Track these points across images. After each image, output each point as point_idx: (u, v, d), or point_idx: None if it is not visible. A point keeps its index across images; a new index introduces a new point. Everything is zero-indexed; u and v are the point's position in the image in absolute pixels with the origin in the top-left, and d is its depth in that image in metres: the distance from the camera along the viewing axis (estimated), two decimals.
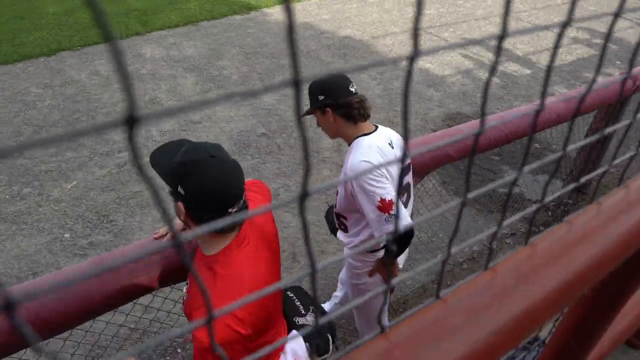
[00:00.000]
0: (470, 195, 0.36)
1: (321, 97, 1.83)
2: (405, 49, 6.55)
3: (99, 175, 3.85)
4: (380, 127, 1.95)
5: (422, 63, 6.16)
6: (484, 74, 6.01)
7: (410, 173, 2.07)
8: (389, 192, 1.74)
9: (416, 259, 3.30)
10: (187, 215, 1.22)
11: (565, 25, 0.31)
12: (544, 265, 0.36)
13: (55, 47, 5.89)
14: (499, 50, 0.31)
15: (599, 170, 0.42)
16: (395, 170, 1.82)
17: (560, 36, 0.31)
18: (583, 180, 0.43)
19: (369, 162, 1.75)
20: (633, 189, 0.43)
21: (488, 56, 6.47)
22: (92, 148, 4.14)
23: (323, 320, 0.29)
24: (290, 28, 0.22)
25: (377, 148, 1.81)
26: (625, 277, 0.56)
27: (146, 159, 1.22)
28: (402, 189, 1.80)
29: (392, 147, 1.89)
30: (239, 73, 5.48)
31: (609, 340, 0.76)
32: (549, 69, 0.34)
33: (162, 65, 5.57)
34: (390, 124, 4.78)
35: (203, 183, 1.17)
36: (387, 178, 1.76)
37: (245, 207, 1.27)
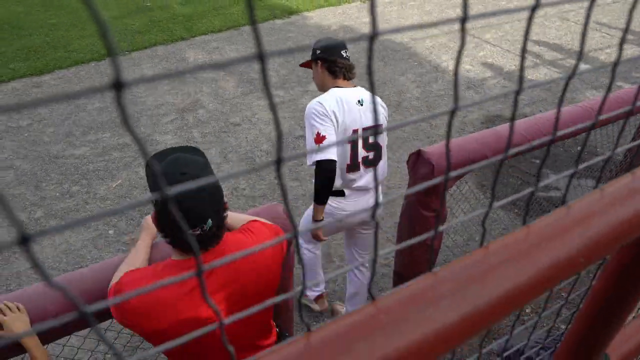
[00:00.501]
0: (498, 204, 0.37)
1: (318, 52, 2.22)
2: (445, 51, 6.47)
3: (143, 175, 4.01)
4: (359, 88, 2.23)
5: (463, 65, 6.07)
6: (526, 75, 5.86)
7: (383, 135, 2.32)
8: (328, 130, 2.03)
9: None
10: (155, 223, 1.23)
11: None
12: (536, 246, 0.37)
13: (104, 52, 6.18)
14: (523, 54, 0.33)
15: None
16: (350, 121, 2.08)
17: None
18: None
19: (321, 103, 2.07)
20: (639, 176, 0.43)
21: (531, 58, 6.29)
22: (136, 148, 4.32)
23: None
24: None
25: (338, 98, 2.10)
26: None
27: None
28: (367, 146, 2.17)
29: (361, 105, 2.14)
30: (279, 76, 5.58)
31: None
32: (575, 64, 0.35)
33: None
34: (429, 126, 4.74)
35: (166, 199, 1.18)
36: (331, 120, 2.06)
37: (213, 234, 1.22)
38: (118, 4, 7.77)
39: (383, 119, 2.28)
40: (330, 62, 2.21)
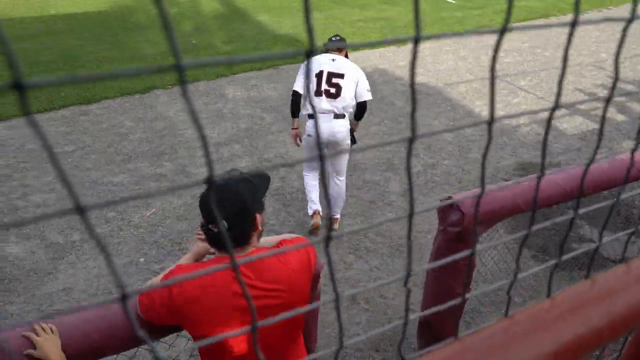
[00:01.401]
0: (523, 275, 0.40)
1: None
2: (479, 96, 6.50)
3: (176, 204, 4.12)
4: (335, 54, 3.40)
5: (496, 110, 6.07)
6: (561, 124, 5.80)
7: (342, 78, 3.33)
8: (299, 81, 3.46)
9: (481, 312, 3.17)
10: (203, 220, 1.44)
11: None
12: (561, 318, 0.38)
13: (149, 85, 6.48)
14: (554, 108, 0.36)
15: None
16: (322, 67, 3.34)
17: None
18: None
19: (301, 68, 3.74)
20: None
21: (570, 104, 6.24)
22: (171, 179, 4.46)
23: None
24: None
25: (317, 59, 3.35)
26: None
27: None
28: (328, 83, 3.31)
29: (333, 61, 3.36)
30: None
31: None
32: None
33: (243, 105, 5.94)
34: (461, 171, 4.72)
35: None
36: (310, 69, 2.79)
37: (236, 234, 1.38)
38: (166, 41, 8.17)
39: (351, 71, 3.37)
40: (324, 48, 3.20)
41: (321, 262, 1.62)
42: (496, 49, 0.38)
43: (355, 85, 3.37)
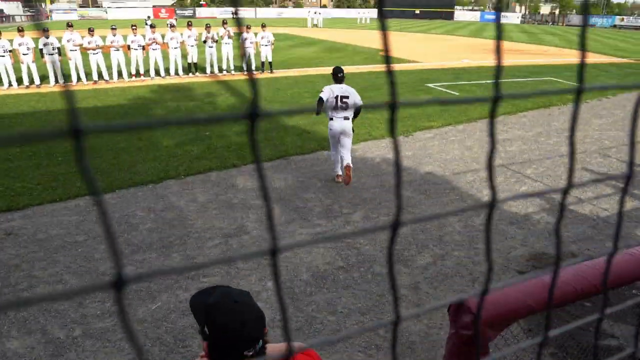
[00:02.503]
0: None
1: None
2: (487, 185, 6.55)
3: (182, 298, 4.05)
4: (344, 84, 6.05)
5: (503, 197, 6.08)
6: (569, 212, 5.77)
7: (348, 98, 5.96)
8: (325, 94, 5.97)
9: None
10: (207, 354, 1.37)
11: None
12: None
13: (163, 176, 6.66)
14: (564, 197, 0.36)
15: None
16: (336, 92, 5.99)
17: None
18: None
19: (324, 90, 6.03)
20: None
21: (576, 193, 6.25)
22: (179, 271, 4.43)
23: None
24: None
25: (331, 87, 6.02)
26: None
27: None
28: (340, 101, 5.93)
29: (342, 88, 5.98)
30: (322, 205, 5.77)
31: None
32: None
33: (252, 195, 6.04)
34: (471, 262, 4.64)
35: (222, 325, 1.33)
36: (330, 92, 5.98)
37: (263, 352, 1.37)
38: (181, 132, 8.54)
39: (351, 93, 5.97)
40: (334, 74, 6.20)
41: None
42: (492, 115, 0.40)
43: (354, 101, 5.98)
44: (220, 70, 15.39)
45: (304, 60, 19.08)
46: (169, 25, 14.97)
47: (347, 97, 5.94)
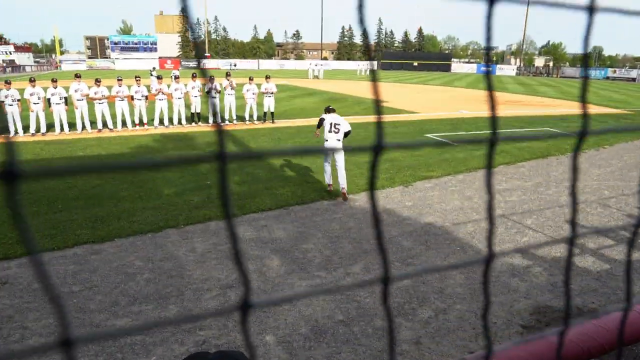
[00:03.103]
0: None
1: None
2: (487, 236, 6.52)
3: (178, 352, 3.95)
4: (334, 114, 7.94)
5: (504, 250, 6.03)
6: (573, 264, 5.71)
7: (340, 124, 7.76)
8: (322, 122, 7.94)
9: None
10: None
11: None
12: None
13: (162, 225, 6.65)
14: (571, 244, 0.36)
15: None
16: (328, 120, 7.81)
17: None
18: None
19: (322, 118, 7.95)
20: None
21: (578, 244, 6.20)
22: (176, 324, 4.33)
23: None
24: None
25: (325, 116, 7.91)
26: None
27: None
28: (334, 127, 7.72)
29: (333, 117, 7.82)
30: (322, 256, 5.72)
31: None
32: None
33: (252, 246, 6.00)
34: (476, 317, 4.55)
35: None
36: (326, 119, 7.86)
37: None
38: (182, 181, 8.60)
39: (341, 121, 7.81)
40: (326, 110, 8.22)
41: None
42: (489, 163, 0.40)
43: (344, 126, 7.75)
44: (223, 120, 15.68)
45: (305, 110, 19.47)
46: (173, 77, 15.40)
47: (338, 124, 7.75)
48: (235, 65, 62.58)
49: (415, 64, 71.78)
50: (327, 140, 7.80)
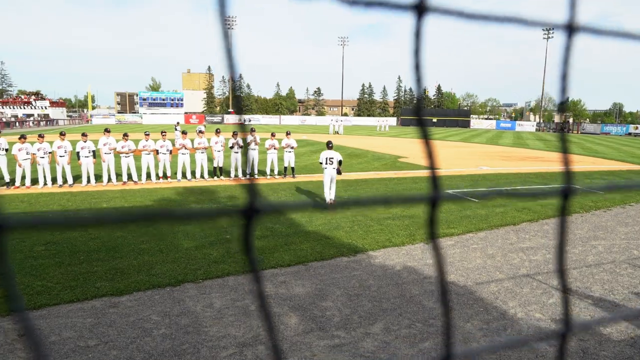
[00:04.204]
0: None
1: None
2: (512, 296, 6.31)
3: None
4: (332, 150, 11.57)
5: (532, 313, 5.81)
6: (604, 327, 5.45)
7: (334, 158, 11.34)
8: (321, 157, 11.62)
9: None
10: None
11: None
12: None
13: (181, 279, 6.64)
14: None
15: None
16: (325, 155, 11.49)
17: None
18: None
19: (321, 153, 11.68)
20: None
21: (608, 306, 5.93)
22: None
23: None
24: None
25: (324, 152, 11.60)
26: None
27: None
28: (327, 160, 11.34)
29: (330, 153, 11.45)
30: (341, 315, 5.59)
31: None
32: None
33: (270, 302, 5.91)
34: None
35: None
36: (323, 155, 11.51)
37: None
38: (202, 234, 8.66)
39: (334, 155, 11.39)
40: (326, 144, 12.12)
41: None
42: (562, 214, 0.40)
43: (337, 158, 11.24)
44: (244, 174, 15.96)
45: None
46: (197, 132, 15.89)
47: (332, 158, 11.26)
48: (249, 121, 64.36)
49: (435, 120, 72.67)
50: (326, 168, 11.37)
